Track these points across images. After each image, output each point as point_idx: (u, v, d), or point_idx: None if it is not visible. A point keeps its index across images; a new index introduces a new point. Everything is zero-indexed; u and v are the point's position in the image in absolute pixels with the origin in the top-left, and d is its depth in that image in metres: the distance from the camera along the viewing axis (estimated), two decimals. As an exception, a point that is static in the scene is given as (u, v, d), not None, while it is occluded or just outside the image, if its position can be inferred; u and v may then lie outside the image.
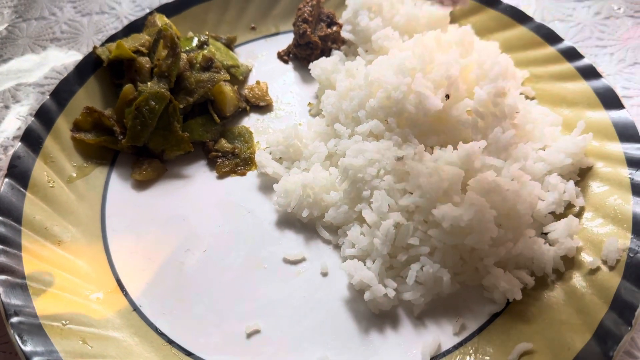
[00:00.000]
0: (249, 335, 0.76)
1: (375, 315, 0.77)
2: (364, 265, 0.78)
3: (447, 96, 0.82)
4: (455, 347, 0.73)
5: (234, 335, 0.76)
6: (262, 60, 1.13)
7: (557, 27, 1.12)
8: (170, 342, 0.76)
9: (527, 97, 0.97)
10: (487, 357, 0.71)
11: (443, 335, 0.74)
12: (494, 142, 0.81)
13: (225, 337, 0.76)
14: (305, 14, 1.06)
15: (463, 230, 0.74)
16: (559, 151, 0.84)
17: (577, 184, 0.84)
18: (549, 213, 0.81)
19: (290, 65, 1.12)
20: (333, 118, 0.94)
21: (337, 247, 0.85)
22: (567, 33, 1.12)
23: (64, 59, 1.20)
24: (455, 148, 0.82)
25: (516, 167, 0.79)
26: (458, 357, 0.72)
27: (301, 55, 1.09)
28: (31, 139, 0.91)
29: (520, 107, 0.84)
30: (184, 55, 0.97)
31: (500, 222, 0.76)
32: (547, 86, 0.97)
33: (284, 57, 1.13)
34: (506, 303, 0.76)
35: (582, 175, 0.85)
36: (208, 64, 0.98)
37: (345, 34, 1.08)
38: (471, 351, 0.72)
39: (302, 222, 0.88)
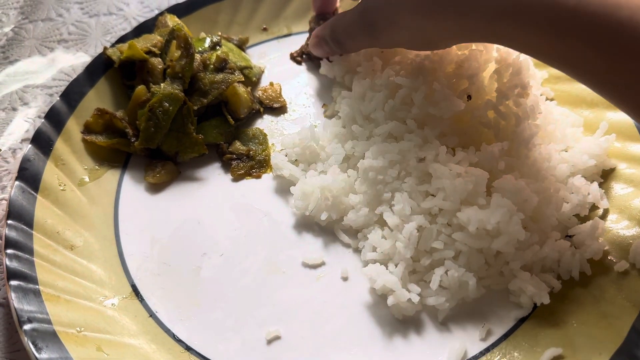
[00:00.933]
0: (270, 342, 0.74)
1: (398, 321, 0.75)
2: (386, 269, 0.76)
3: (469, 96, 0.81)
4: (482, 353, 0.71)
5: (254, 342, 0.74)
6: (275, 61, 1.12)
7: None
8: (189, 349, 0.74)
9: (546, 98, 0.95)
10: (516, 363, 0.69)
11: (469, 340, 0.72)
12: (517, 144, 0.80)
13: (245, 343, 0.74)
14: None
15: (489, 233, 0.73)
16: (581, 153, 0.83)
17: (600, 185, 0.82)
18: (573, 215, 0.80)
19: (303, 67, 1.11)
20: (350, 119, 0.92)
21: (357, 250, 0.83)
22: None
23: (71, 60, 1.18)
24: (477, 149, 0.80)
25: (540, 169, 0.77)
26: (486, 363, 0.70)
27: (315, 55, 1.08)
28: (41, 141, 0.89)
29: (541, 108, 0.82)
30: (197, 56, 0.96)
31: (526, 224, 0.75)
32: (566, 87, 0.96)
33: (296, 58, 1.11)
34: (533, 307, 0.74)
35: (605, 176, 0.84)
36: (222, 65, 0.97)
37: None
38: (498, 357, 0.71)
39: (320, 225, 0.86)
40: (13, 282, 0.72)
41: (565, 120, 0.89)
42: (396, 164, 0.80)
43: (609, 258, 0.75)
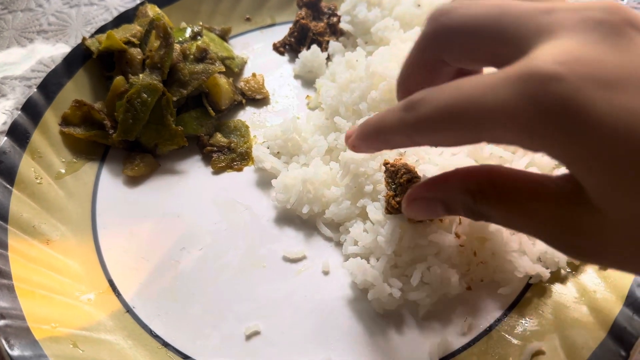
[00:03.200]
0: (249, 337, 0.73)
1: (380, 316, 0.74)
2: (367, 263, 0.75)
3: None
4: (464, 348, 0.70)
5: (233, 337, 0.73)
6: (258, 52, 1.10)
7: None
8: (166, 344, 0.73)
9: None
10: (497, 358, 0.68)
11: (451, 335, 0.71)
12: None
13: (223, 339, 0.73)
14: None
15: (474, 225, 0.72)
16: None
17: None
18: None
19: (286, 57, 1.09)
20: (333, 111, 0.91)
21: (339, 244, 0.82)
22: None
23: (51, 51, 1.16)
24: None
25: (525, 160, 0.76)
26: (467, 358, 0.69)
27: (296, 46, 1.07)
28: (18, 134, 0.87)
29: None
30: (177, 46, 0.94)
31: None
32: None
33: (279, 48, 1.10)
34: (515, 301, 0.73)
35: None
36: (202, 55, 0.95)
37: (344, 25, 1.05)
38: (480, 351, 0.69)
39: (302, 219, 0.84)
40: (-14, 278, 0.70)
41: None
42: (377, 156, 0.79)
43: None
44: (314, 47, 1.03)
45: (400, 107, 0.49)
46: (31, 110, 0.91)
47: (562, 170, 0.66)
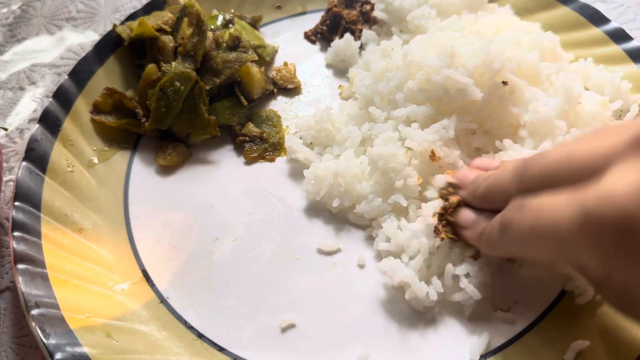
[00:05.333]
0: (284, 330, 0.72)
1: (417, 311, 0.72)
2: (401, 262, 0.73)
3: (505, 82, 0.77)
4: (505, 345, 0.68)
5: (268, 330, 0.72)
6: (289, 40, 1.08)
7: (599, 8, 1.06)
8: (201, 336, 0.72)
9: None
10: (540, 355, 0.66)
11: (492, 332, 0.69)
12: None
13: (258, 331, 0.72)
14: None
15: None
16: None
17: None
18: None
19: (317, 46, 1.08)
20: (367, 101, 0.89)
21: (372, 238, 0.80)
22: (610, 14, 1.06)
23: (80, 39, 1.15)
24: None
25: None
26: (509, 354, 0.67)
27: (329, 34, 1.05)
28: (49, 121, 0.87)
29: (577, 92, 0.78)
30: (209, 34, 0.92)
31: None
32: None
33: (311, 37, 1.08)
34: (557, 297, 0.71)
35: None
36: (235, 44, 0.93)
37: (378, 13, 1.03)
38: (523, 348, 0.67)
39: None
40: (20, 266, 0.70)
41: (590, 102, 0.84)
42: (402, 149, 0.77)
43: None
44: (347, 35, 1.01)
45: (497, 229, 0.60)
46: (62, 97, 0.90)
47: None
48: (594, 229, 0.46)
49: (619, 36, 0.92)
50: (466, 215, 0.69)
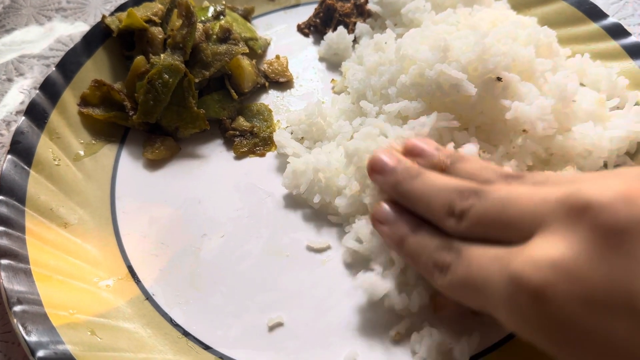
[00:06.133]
0: (271, 328, 0.70)
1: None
2: (376, 274, 0.69)
3: (499, 78, 0.75)
4: (497, 345, 0.67)
5: (255, 328, 0.70)
6: (281, 33, 1.07)
7: (597, 3, 1.04)
8: (186, 334, 0.70)
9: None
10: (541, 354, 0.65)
11: (483, 331, 0.67)
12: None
13: (245, 330, 0.70)
14: None
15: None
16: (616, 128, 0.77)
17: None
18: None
19: (310, 39, 1.06)
20: (359, 95, 0.87)
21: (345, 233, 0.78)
22: (608, 9, 1.05)
23: (70, 30, 1.13)
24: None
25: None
26: (500, 356, 0.66)
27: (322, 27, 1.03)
28: (35, 114, 0.85)
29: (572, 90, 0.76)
30: (199, 26, 0.91)
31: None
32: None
33: (304, 30, 1.06)
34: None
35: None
36: (225, 36, 0.92)
37: (372, 5, 1.01)
38: (516, 349, 0.66)
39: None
40: (3, 261, 0.68)
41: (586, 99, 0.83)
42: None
43: None
44: (340, 28, 1.00)
45: (437, 268, 0.59)
46: (49, 89, 0.88)
47: None
48: (515, 293, 0.48)
49: (617, 32, 0.91)
50: (385, 209, 0.66)
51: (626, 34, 0.90)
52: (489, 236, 0.55)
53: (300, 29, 1.07)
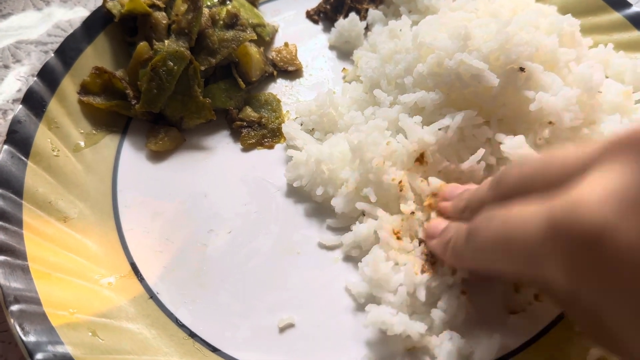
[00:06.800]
0: (282, 330, 0.67)
1: (426, 312, 0.68)
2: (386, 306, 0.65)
3: (522, 69, 0.71)
4: (519, 350, 0.64)
5: (265, 329, 0.67)
6: (290, 20, 1.04)
7: (619, -9, 1.01)
8: (193, 335, 0.67)
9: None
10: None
11: (504, 333, 0.64)
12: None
13: (254, 331, 0.67)
14: None
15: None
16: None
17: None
18: None
19: (320, 26, 1.03)
20: (373, 84, 0.84)
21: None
22: (630, -2, 1.01)
23: (69, 14, 1.10)
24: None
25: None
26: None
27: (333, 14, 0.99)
28: (33, 102, 0.82)
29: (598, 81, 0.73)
30: (205, 10, 0.87)
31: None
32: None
33: (313, 16, 1.03)
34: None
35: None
36: (233, 21, 0.88)
37: (385, -9, 0.98)
38: (538, 354, 0.63)
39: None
40: (-1, 257, 0.65)
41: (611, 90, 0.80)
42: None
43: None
44: (352, 15, 0.97)
45: (463, 237, 0.57)
46: (48, 76, 0.85)
47: None
48: (561, 239, 0.42)
49: (640, 21, 0.87)
50: (437, 223, 0.66)
51: (651, 23, 0.86)
52: (529, 192, 0.50)
53: (310, 15, 1.03)
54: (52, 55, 0.87)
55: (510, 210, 0.50)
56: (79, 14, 1.09)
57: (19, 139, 0.78)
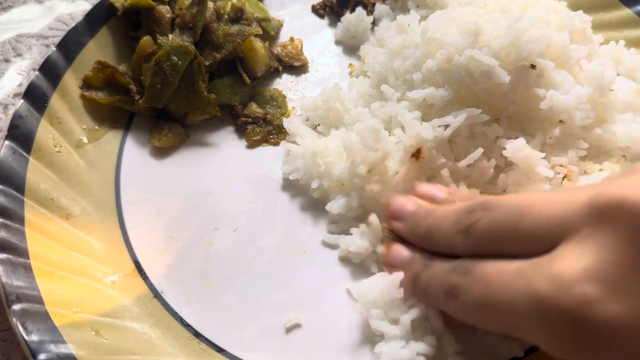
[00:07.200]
0: (289, 330, 0.66)
1: (434, 311, 0.67)
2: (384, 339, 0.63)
3: (533, 66, 0.70)
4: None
5: (271, 330, 0.66)
6: (295, 14, 1.02)
7: (629, -13, 1.00)
8: (198, 335, 0.66)
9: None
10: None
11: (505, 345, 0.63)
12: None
13: (261, 331, 0.66)
14: None
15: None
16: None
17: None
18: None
19: (326, 21, 1.01)
20: (380, 79, 0.83)
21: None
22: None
23: (70, 8, 1.09)
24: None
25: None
26: None
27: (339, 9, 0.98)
28: (35, 97, 0.81)
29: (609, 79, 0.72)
30: (210, 4, 0.86)
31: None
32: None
33: (319, 11, 1.02)
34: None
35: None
36: (238, 15, 0.87)
37: (393, -15, 0.96)
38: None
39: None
40: (1, 255, 0.64)
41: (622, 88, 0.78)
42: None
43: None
44: (359, 9, 0.96)
45: (440, 287, 0.55)
46: (50, 71, 0.84)
47: None
48: (548, 316, 0.43)
49: (653, 18, 0.86)
50: (399, 252, 0.62)
51: (663, 20, 0.85)
52: (503, 250, 0.50)
53: (315, 9, 1.02)
54: (54, 49, 0.86)
55: (488, 271, 0.49)
56: (81, 7, 1.08)
57: (20, 135, 0.76)
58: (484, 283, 0.49)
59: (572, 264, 0.42)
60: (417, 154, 0.70)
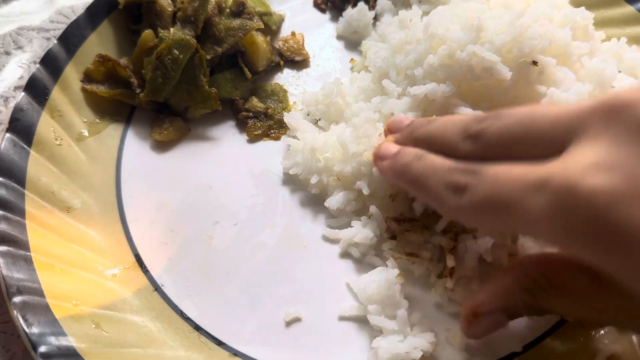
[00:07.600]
0: (289, 324, 0.67)
1: (435, 307, 0.67)
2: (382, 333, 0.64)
3: (535, 62, 0.70)
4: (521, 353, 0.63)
5: (271, 324, 0.67)
6: (297, 8, 1.02)
7: (631, -16, 0.99)
8: (198, 328, 0.66)
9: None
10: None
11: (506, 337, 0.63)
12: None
13: (261, 325, 0.67)
14: None
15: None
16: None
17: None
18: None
19: (327, 15, 1.01)
20: (382, 74, 0.82)
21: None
22: (642, -9, 1.00)
23: (71, 1, 1.08)
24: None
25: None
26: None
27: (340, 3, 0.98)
28: (36, 89, 0.80)
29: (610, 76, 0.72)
30: (212, -2, 0.85)
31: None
32: (626, 50, 0.85)
33: (321, 5, 1.01)
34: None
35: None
36: (239, 9, 0.86)
37: (395, -20, 0.96)
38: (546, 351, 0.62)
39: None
40: (2, 247, 0.64)
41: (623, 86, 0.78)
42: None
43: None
44: (361, 4, 0.95)
45: (450, 189, 0.54)
46: (51, 64, 0.84)
47: None
48: (562, 215, 0.42)
49: (655, 15, 0.86)
50: (388, 146, 0.65)
51: (665, 17, 0.85)
52: (514, 154, 0.50)
53: (317, 4, 1.02)
54: (55, 42, 0.85)
55: (498, 170, 0.49)
56: (82, 0, 1.07)
57: (21, 127, 0.76)
58: (495, 181, 0.49)
59: (586, 157, 0.42)
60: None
